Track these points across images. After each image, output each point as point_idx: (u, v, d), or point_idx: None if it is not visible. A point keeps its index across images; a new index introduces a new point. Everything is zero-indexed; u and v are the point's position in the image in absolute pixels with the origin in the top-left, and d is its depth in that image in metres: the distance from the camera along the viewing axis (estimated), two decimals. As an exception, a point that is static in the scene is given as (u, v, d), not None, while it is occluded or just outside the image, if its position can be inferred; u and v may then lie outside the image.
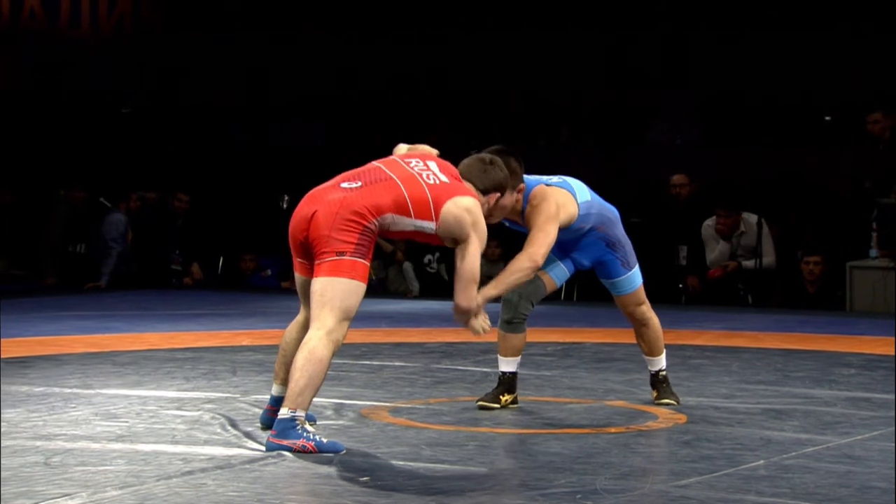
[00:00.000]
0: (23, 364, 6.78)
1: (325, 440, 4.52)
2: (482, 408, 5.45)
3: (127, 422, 5.08)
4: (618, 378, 6.36)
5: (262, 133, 13.98)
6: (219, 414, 5.25)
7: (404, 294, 11.72)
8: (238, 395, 5.75)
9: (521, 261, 5.15)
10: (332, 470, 4.30)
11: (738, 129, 12.06)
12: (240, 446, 4.63)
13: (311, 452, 4.44)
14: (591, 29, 12.60)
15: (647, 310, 5.59)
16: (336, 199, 4.56)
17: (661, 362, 5.66)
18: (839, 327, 9.10)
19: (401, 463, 4.41)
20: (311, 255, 4.62)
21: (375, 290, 11.81)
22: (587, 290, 10.94)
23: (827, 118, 11.90)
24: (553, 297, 11.26)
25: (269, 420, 4.80)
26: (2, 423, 5.05)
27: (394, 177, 4.63)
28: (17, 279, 13.12)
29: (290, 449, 4.45)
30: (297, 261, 4.72)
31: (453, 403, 5.63)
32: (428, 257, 11.70)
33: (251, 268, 12.72)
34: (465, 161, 4.95)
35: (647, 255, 11.43)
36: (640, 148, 12.44)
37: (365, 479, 4.17)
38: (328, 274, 4.50)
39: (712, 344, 7.98)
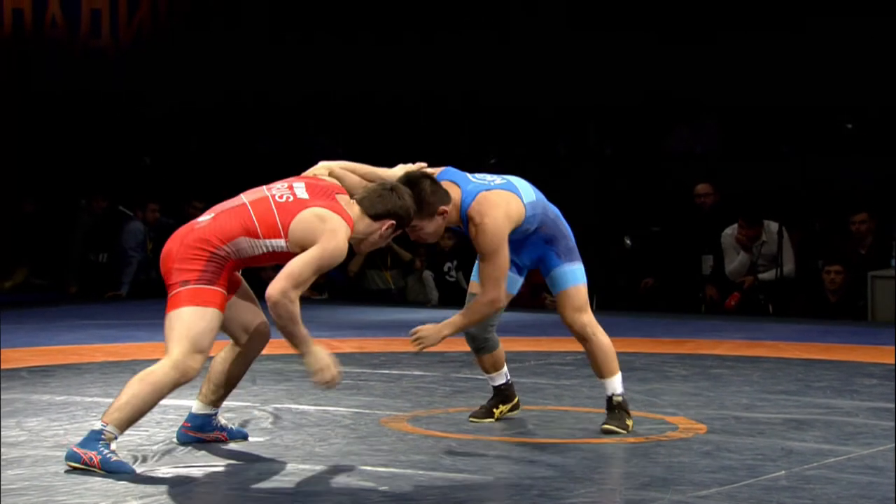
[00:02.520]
0: (44, 373, 6.81)
1: (114, 460, 4.34)
2: (474, 422, 5.32)
3: (147, 431, 5.09)
4: (637, 388, 6.33)
5: (282, 139, 13.99)
6: (238, 423, 5.25)
7: (424, 303, 11.71)
8: (257, 404, 5.76)
9: (483, 306, 4.90)
10: (351, 479, 4.30)
11: (758, 138, 12.01)
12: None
13: (94, 468, 4.31)
14: (610, 35, 12.59)
15: (590, 323, 5.10)
16: (185, 232, 4.59)
17: (613, 385, 5.13)
18: (861, 337, 9.04)
19: (420, 472, 4.41)
20: None
21: (395, 299, 11.81)
22: (606, 300, 10.91)
23: (848, 126, 11.83)
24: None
25: (183, 437, 4.86)
26: (23, 433, 5.07)
27: (245, 201, 4.61)
28: (38, 288, 13.16)
29: (79, 458, 4.34)
30: None
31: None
32: (448, 265, 11.68)
33: (270, 276, 12.72)
34: (369, 186, 4.74)
35: (669, 265, 11.47)
36: (659, 156, 12.41)
37: (384, 488, 4.17)
38: (173, 307, 4.50)
39: (733, 354, 7.95)
